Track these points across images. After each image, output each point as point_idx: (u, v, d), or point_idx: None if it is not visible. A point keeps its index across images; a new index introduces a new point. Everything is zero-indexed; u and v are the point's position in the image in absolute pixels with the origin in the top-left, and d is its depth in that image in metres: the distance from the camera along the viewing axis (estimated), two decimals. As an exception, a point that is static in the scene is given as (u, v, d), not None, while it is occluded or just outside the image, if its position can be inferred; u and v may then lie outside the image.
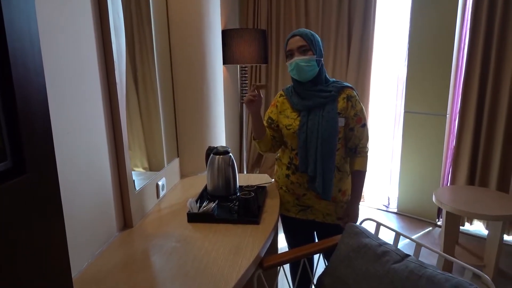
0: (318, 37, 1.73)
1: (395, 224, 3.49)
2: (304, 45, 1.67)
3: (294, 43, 1.69)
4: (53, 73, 1.17)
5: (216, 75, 2.45)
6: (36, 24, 0.84)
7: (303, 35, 1.68)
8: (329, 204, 1.78)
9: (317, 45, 1.69)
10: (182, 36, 2.20)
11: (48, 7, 1.14)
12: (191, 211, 1.70)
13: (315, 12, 3.77)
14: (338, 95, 1.71)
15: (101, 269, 1.33)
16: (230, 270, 1.31)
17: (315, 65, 1.68)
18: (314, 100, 1.70)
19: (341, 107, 1.69)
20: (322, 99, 1.69)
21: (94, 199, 1.41)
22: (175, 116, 2.29)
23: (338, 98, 1.70)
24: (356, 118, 1.71)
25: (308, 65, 1.68)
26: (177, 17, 2.17)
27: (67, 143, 1.24)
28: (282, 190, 1.88)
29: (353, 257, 1.45)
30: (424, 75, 3.30)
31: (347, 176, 1.80)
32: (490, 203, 2.52)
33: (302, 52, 1.68)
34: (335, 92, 1.69)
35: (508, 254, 2.92)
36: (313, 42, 1.68)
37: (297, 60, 1.68)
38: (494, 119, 3.02)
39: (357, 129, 1.72)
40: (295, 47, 1.68)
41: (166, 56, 2.15)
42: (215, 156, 1.90)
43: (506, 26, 2.85)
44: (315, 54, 1.67)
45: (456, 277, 1.19)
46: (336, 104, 1.69)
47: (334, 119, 1.67)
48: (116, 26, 1.49)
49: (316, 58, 1.68)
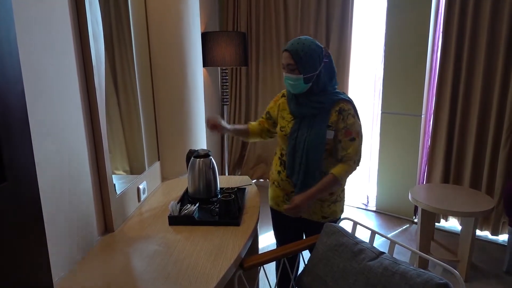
0: (314, 49, 1.67)
1: (373, 222, 3.57)
2: (291, 64, 1.66)
3: (284, 58, 1.69)
4: (31, 80, 1.17)
5: (197, 78, 2.47)
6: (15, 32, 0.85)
7: (292, 53, 1.65)
8: (315, 202, 1.81)
9: (307, 62, 1.65)
10: (161, 39, 2.21)
11: (25, 13, 1.15)
12: (172, 214, 1.72)
13: (294, 14, 3.83)
14: (331, 107, 1.70)
15: (82, 275, 1.33)
16: (211, 271, 1.34)
17: (301, 84, 1.68)
18: (307, 109, 1.72)
19: (332, 120, 1.69)
20: (314, 109, 1.70)
21: (74, 204, 1.41)
22: (155, 119, 2.30)
23: (331, 111, 1.70)
24: (345, 131, 1.68)
25: (294, 84, 1.69)
26: (156, 21, 2.18)
27: (46, 149, 1.24)
28: (274, 185, 1.90)
29: (331, 256, 1.49)
30: (400, 76, 3.39)
31: None
32: (464, 200, 2.61)
33: (289, 71, 1.68)
34: (328, 105, 1.69)
35: (480, 249, 3.04)
36: (302, 60, 1.64)
37: (285, 76, 1.71)
38: (466, 119, 3.13)
39: (344, 142, 1.69)
40: (284, 63, 1.69)
41: (145, 60, 2.16)
42: (195, 159, 1.93)
43: (477, 29, 2.96)
44: (301, 74, 1.66)
45: (427, 272, 1.25)
46: (328, 116, 1.69)
47: (321, 131, 1.68)
48: (95, 31, 1.50)
49: (303, 76, 1.66)
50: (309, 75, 1.67)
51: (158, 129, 2.31)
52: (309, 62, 1.65)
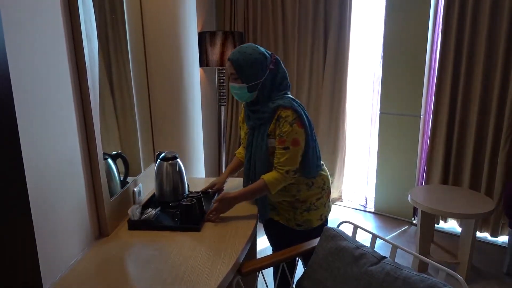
0: (256, 57, 1.63)
1: (372, 224, 3.54)
2: (233, 73, 1.66)
3: (227, 68, 1.69)
4: (21, 79, 1.13)
5: (193, 78, 2.43)
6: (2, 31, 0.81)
7: (233, 62, 1.64)
8: (289, 209, 1.78)
9: (248, 71, 1.62)
10: (157, 39, 2.17)
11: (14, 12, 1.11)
12: (132, 218, 1.68)
13: (292, 14, 3.80)
14: (272, 115, 1.65)
15: (76, 280, 1.29)
16: (208, 277, 1.30)
17: (245, 93, 1.66)
18: (253, 120, 1.71)
19: (271, 128, 1.65)
20: (259, 120, 1.68)
21: (67, 208, 1.37)
22: (151, 120, 2.26)
23: (272, 119, 1.66)
24: (279, 138, 1.63)
25: (239, 93, 1.68)
26: (151, 20, 2.14)
27: (37, 150, 1.20)
28: None
29: (331, 260, 1.46)
30: (398, 77, 3.37)
31: (305, 187, 1.76)
32: (463, 201, 2.59)
33: (233, 80, 1.67)
34: (268, 114, 1.65)
35: (480, 251, 3.01)
36: (242, 69, 1.62)
37: (230, 86, 1.70)
38: (465, 119, 3.11)
39: (278, 149, 1.64)
40: (228, 73, 1.69)
41: (141, 60, 2.12)
42: (162, 162, 1.88)
43: (476, 29, 2.94)
44: (244, 82, 1.64)
45: (430, 278, 1.22)
46: (269, 125, 1.66)
47: (263, 141, 1.66)
48: (88, 31, 1.46)
49: (246, 85, 1.64)
50: (252, 84, 1.64)
51: (154, 130, 2.28)
52: (250, 71, 1.63)
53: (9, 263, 0.80)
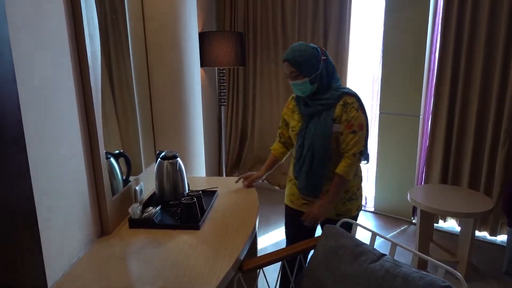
0: (310, 51, 1.73)
1: (372, 223, 3.55)
2: (293, 71, 1.74)
3: (285, 68, 1.77)
4: (26, 79, 1.15)
5: (194, 78, 2.45)
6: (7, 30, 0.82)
7: (291, 61, 1.72)
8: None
9: (307, 66, 1.72)
10: (158, 39, 2.19)
11: (18, 10, 1.12)
12: (133, 216, 1.70)
13: (292, 14, 3.81)
14: (336, 102, 1.76)
15: (78, 279, 1.30)
16: (209, 274, 1.31)
17: (308, 86, 1.76)
18: (314, 107, 1.79)
19: (337, 114, 1.76)
20: (321, 106, 1.77)
21: (69, 206, 1.38)
22: (152, 120, 2.27)
23: (336, 105, 1.76)
24: (346, 123, 1.74)
25: (301, 88, 1.77)
26: (153, 20, 2.15)
27: (41, 150, 1.21)
28: (290, 183, 1.97)
29: (331, 258, 1.47)
30: (398, 77, 3.38)
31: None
32: (462, 201, 2.60)
33: (293, 78, 1.76)
34: (332, 100, 1.76)
35: (479, 249, 3.03)
36: (301, 65, 1.72)
37: (292, 84, 1.78)
38: (465, 119, 3.12)
39: (345, 134, 1.75)
40: (287, 72, 1.77)
41: (142, 60, 2.13)
42: (163, 161, 1.90)
43: (475, 29, 2.96)
44: (305, 77, 1.73)
45: (429, 275, 1.23)
46: (333, 110, 1.76)
47: (327, 125, 1.74)
48: (91, 30, 1.47)
49: (308, 79, 1.73)
50: (313, 76, 1.74)
51: (155, 130, 2.29)
52: (308, 65, 1.73)
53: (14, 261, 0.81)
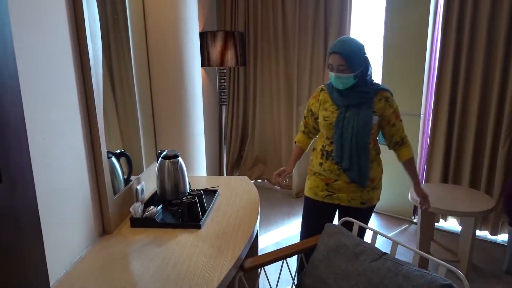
0: (359, 47, 1.81)
1: (373, 223, 3.56)
2: (342, 65, 1.78)
3: (335, 60, 1.80)
4: (28, 78, 1.15)
5: (195, 78, 2.45)
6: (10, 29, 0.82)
7: (344, 55, 1.77)
8: (357, 189, 1.92)
9: (357, 61, 1.78)
10: (159, 39, 2.19)
11: (21, 10, 1.12)
12: (134, 216, 1.70)
13: (292, 14, 3.81)
14: (374, 96, 1.86)
15: (80, 277, 1.31)
16: (211, 273, 1.32)
17: (351, 80, 1.82)
18: (353, 98, 1.85)
19: (377, 107, 1.86)
20: (361, 98, 1.84)
21: (71, 205, 1.39)
22: (153, 119, 2.27)
23: (375, 99, 1.86)
24: (395, 114, 1.90)
25: (345, 81, 1.83)
26: (154, 20, 2.16)
27: (43, 150, 1.22)
28: (314, 176, 2.01)
29: (332, 257, 1.48)
30: (398, 76, 3.38)
31: (376, 166, 1.96)
32: (463, 200, 2.60)
33: (339, 71, 1.80)
34: (371, 94, 1.85)
35: (480, 249, 3.03)
36: (352, 60, 1.77)
37: (336, 76, 1.83)
38: (465, 118, 3.12)
39: (397, 124, 1.91)
40: (335, 65, 1.80)
41: (143, 60, 2.13)
42: (164, 160, 1.90)
43: (475, 28, 2.96)
44: (352, 71, 1.79)
45: (430, 273, 1.24)
46: (372, 103, 1.85)
47: (369, 116, 1.84)
48: (92, 30, 1.47)
49: (353, 74, 1.80)
50: (358, 71, 1.82)
51: (156, 129, 2.29)
52: (357, 60, 1.80)
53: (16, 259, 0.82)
